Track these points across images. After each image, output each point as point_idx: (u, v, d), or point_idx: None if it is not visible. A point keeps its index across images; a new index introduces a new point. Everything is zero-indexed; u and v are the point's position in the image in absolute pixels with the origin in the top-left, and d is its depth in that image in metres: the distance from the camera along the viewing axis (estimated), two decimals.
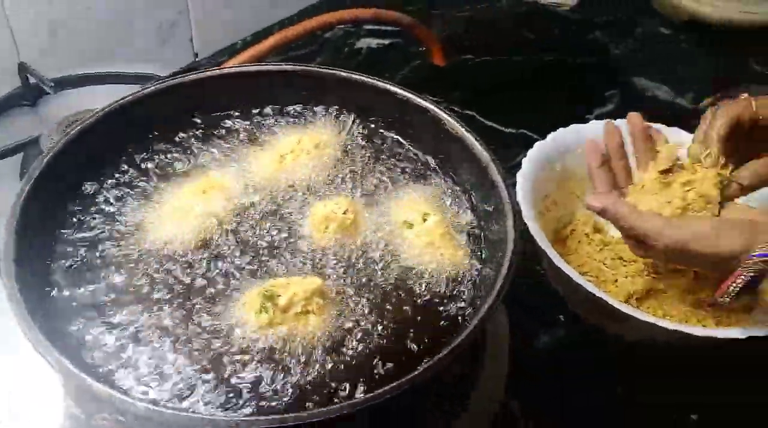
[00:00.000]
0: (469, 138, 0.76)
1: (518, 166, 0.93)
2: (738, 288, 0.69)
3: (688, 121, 1.21)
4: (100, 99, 0.94)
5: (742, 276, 0.68)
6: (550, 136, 0.96)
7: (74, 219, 0.72)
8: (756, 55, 1.45)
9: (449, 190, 0.79)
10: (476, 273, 0.71)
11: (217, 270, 0.69)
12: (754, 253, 0.67)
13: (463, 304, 0.68)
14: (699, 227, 0.71)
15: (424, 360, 0.57)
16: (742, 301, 0.76)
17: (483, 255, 0.72)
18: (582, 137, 0.97)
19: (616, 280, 0.89)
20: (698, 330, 0.76)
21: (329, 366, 0.62)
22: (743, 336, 0.75)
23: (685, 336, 0.76)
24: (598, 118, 1.23)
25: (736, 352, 0.76)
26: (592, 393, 0.86)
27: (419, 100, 0.81)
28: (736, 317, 0.84)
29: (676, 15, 1.54)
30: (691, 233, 0.71)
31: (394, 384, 0.55)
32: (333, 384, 0.61)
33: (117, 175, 0.77)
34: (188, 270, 0.69)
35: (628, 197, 0.82)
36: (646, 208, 0.79)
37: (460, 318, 0.67)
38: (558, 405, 0.85)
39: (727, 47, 1.48)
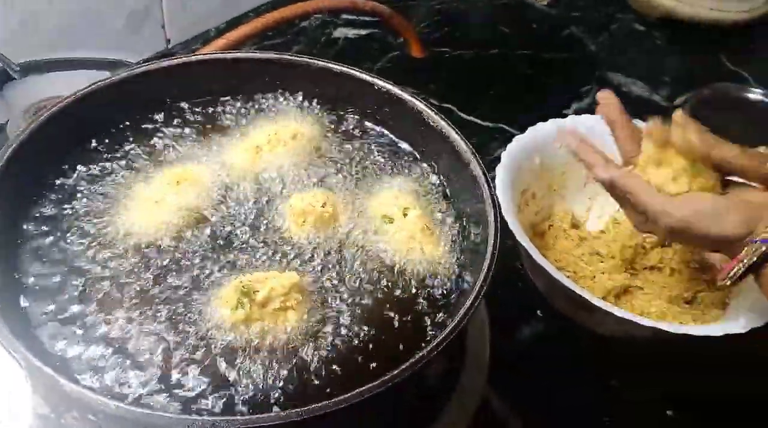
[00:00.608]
0: (451, 132, 0.75)
1: (496, 159, 0.93)
2: (741, 273, 0.69)
3: (663, 117, 1.23)
4: (68, 85, 0.90)
5: (745, 261, 0.68)
6: (529, 130, 0.96)
7: (41, 211, 0.70)
8: (728, 53, 1.47)
9: (429, 184, 0.77)
10: (457, 268, 0.70)
11: (191, 264, 0.67)
12: (757, 238, 0.67)
13: (444, 300, 0.67)
14: (700, 207, 0.70)
15: (406, 359, 0.56)
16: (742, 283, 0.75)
17: (463, 251, 0.71)
18: None
19: (594, 276, 0.89)
20: (675, 328, 0.76)
21: (308, 363, 0.60)
22: (719, 334, 0.75)
23: (662, 333, 0.76)
24: (576, 112, 1.24)
25: (712, 348, 0.77)
26: (571, 387, 0.86)
27: (399, 91, 0.80)
28: (711, 314, 0.85)
29: (651, 12, 1.55)
30: (693, 213, 0.70)
31: (375, 382, 0.53)
32: (312, 383, 0.59)
33: (86, 165, 0.74)
34: (160, 264, 0.66)
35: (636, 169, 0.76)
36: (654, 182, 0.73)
37: (441, 314, 0.66)
38: (538, 398, 0.85)
39: (700, 44, 1.50)
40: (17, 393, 0.55)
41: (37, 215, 0.69)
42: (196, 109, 0.82)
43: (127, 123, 0.79)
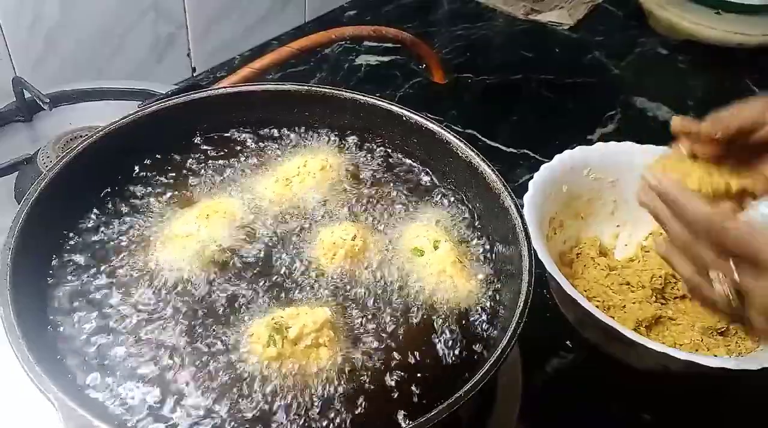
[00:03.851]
0: (480, 163, 0.74)
1: (522, 186, 0.92)
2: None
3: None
4: (97, 115, 0.92)
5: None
6: (557, 158, 0.96)
7: (72, 244, 0.70)
8: (752, 75, 1.46)
9: (460, 216, 0.77)
10: (489, 303, 0.69)
11: (220, 300, 0.66)
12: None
13: (477, 336, 0.66)
14: None
15: (438, 400, 0.55)
16: None
17: (496, 285, 0.70)
18: (588, 159, 0.97)
19: (624, 306, 0.88)
20: (711, 361, 0.74)
21: (341, 402, 0.59)
22: (756, 368, 0.74)
23: (696, 365, 0.74)
24: (600, 139, 1.24)
25: (748, 378, 0.75)
26: (603, 419, 0.85)
27: (427, 122, 0.79)
28: (745, 345, 0.84)
29: (673, 35, 1.55)
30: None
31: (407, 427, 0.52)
32: (344, 422, 0.58)
33: (116, 198, 0.75)
34: (190, 300, 0.66)
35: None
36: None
37: (474, 351, 0.65)
38: None
39: (724, 67, 1.49)
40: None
41: (69, 250, 0.69)
42: (226, 141, 0.82)
43: (157, 155, 0.79)
